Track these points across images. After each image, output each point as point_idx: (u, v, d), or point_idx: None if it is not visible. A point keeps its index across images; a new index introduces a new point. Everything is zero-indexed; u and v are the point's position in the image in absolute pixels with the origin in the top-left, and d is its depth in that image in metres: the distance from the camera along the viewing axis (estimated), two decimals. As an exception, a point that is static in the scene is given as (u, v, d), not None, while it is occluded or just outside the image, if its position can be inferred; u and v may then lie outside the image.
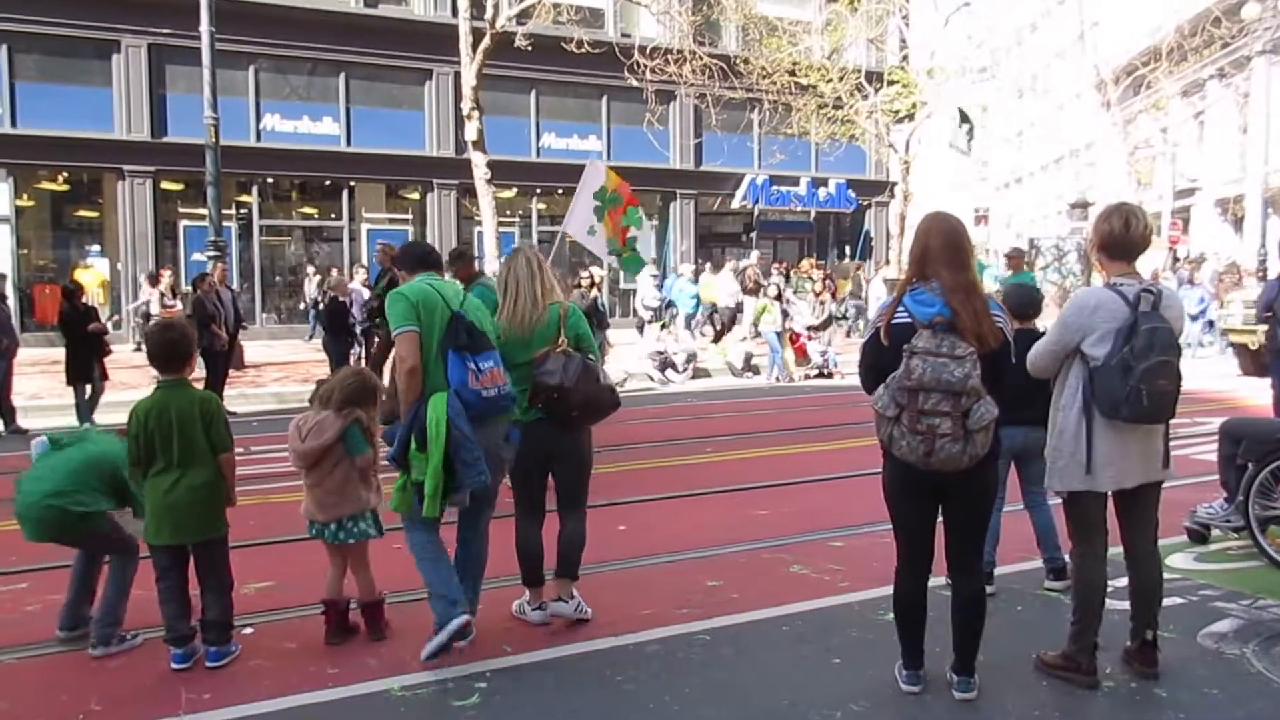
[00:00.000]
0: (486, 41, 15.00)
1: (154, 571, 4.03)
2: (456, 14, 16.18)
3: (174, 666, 3.95)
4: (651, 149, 22.98)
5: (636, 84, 17.68)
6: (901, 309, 3.46)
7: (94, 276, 18.60)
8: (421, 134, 22.09)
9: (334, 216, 22.13)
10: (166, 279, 17.01)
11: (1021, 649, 4.00)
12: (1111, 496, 3.73)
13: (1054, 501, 4.15)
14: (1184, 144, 29.86)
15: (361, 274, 17.11)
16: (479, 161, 15.39)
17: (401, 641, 4.18)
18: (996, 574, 4.80)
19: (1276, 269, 16.06)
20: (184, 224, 20.34)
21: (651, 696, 3.68)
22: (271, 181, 21.42)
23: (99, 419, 10.29)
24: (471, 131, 15.42)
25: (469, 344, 3.94)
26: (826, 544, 5.72)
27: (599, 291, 13.64)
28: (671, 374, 14.79)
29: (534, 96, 23.01)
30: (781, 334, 14.83)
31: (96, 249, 20.06)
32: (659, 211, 24.75)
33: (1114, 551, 3.81)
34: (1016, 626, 4.36)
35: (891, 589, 3.69)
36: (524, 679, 3.87)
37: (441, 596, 3.94)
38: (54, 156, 19.02)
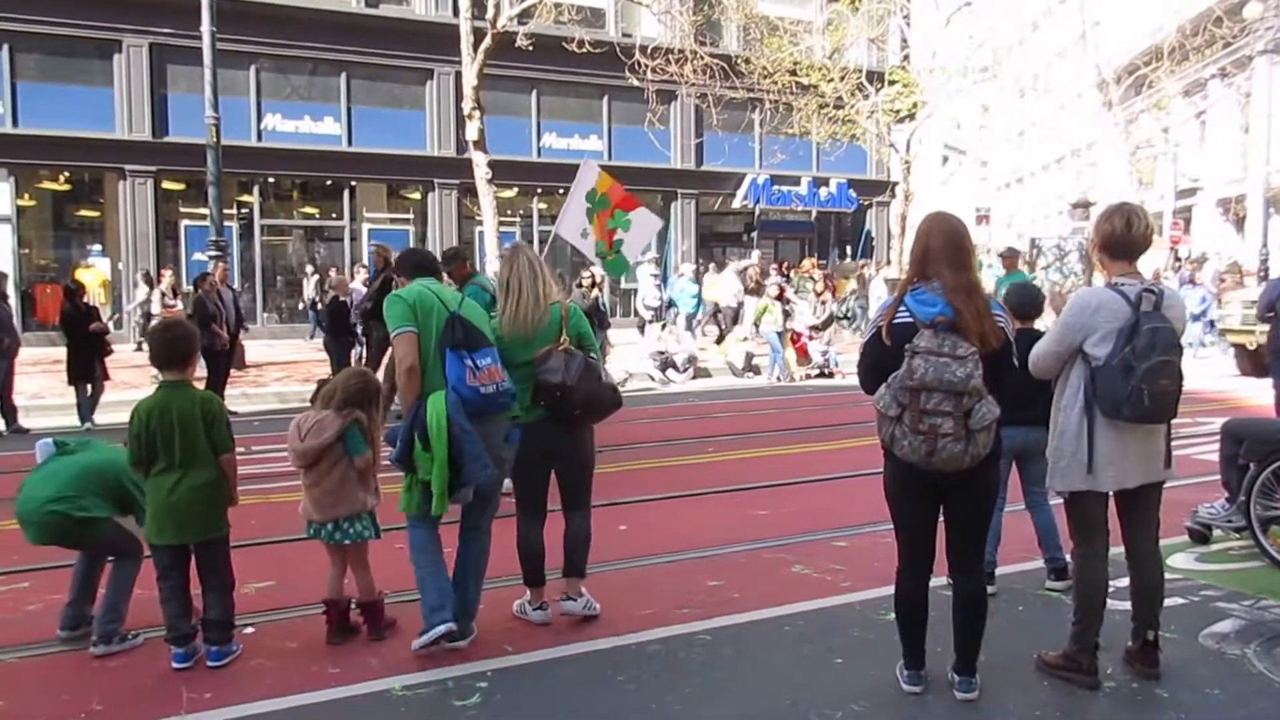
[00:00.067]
0: (487, 41, 14.98)
1: (155, 571, 4.04)
2: (457, 14, 16.19)
3: (175, 666, 3.96)
4: (652, 149, 22.97)
5: (637, 84, 17.64)
6: (903, 309, 3.46)
7: (95, 276, 18.59)
8: (422, 134, 22.10)
9: (335, 216, 22.14)
10: (168, 279, 17.02)
11: (1023, 649, 4.00)
12: (1113, 496, 3.73)
13: (1055, 501, 4.14)
14: (1185, 144, 29.85)
15: (362, 274, 17.06)
16: (480, 161, 15.38)
17: (403, 641, 4.18)
18: (998, 574, 4.80)
19: (1278, 269, 16.04)
20: (185, 224, 20.37)
21: (652, 696, 3.68)
22: (273, 181, 21.44)
23: (100, 419, 10.31)
24: (472, 131, 15.41)
25: (465, 341, 3.96)
26: (828, 544, 5.72)
27: (600, 291, 13.63)
28: (672, 374, 14.79)
29: (535, 96, 23.02)
30: (783, 334, 14.84)
31: (98, 249, 20.08)
32: (660, 211, 24.73)
33: (1115, 551, 3.81)
34: (1018, 627, 4.36)
35: (893, 589, 3.70)
36: (525, 679, 3.87)
37: (429, 605, 4.01)
38: (55, 156, 19.04)
